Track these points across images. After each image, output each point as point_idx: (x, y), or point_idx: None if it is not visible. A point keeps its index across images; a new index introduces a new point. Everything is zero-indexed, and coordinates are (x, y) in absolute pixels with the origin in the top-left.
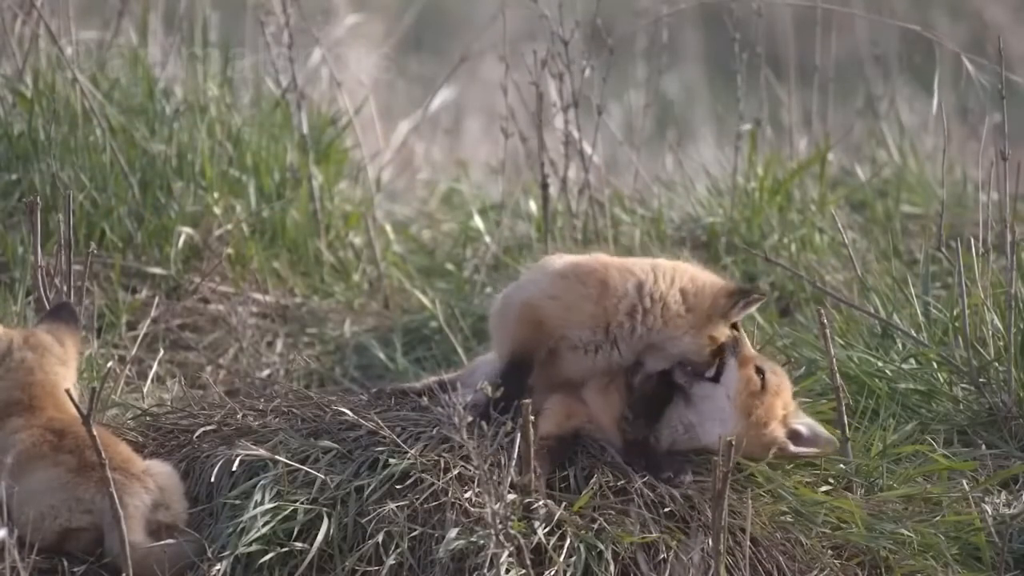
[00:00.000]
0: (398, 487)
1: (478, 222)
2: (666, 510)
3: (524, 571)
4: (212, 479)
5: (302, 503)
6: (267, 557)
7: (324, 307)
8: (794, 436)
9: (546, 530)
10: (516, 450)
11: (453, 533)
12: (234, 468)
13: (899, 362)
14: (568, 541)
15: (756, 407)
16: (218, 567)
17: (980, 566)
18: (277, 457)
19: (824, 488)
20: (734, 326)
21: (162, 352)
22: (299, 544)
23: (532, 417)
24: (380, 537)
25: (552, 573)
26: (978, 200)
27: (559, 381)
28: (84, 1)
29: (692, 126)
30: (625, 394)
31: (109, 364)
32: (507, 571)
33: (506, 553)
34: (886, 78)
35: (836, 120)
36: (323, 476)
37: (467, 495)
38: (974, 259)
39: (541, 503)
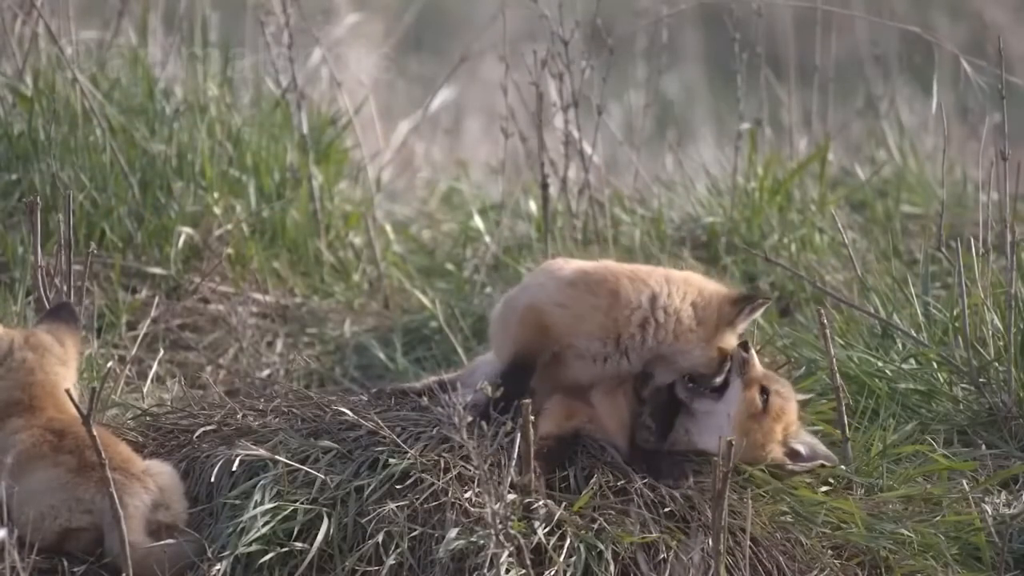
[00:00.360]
0: (398, 487)
1: (478, 222)
2: (666, 510)
3: (524, 571)
4: (212, 479)
5: (302, 503)
6: (267, 557)
7: (324, 307)
8: (792, 455)
9: (546, 530)
10: (516, 450)
11: (453, 533)
12: (234, 468)
13: (899, 362)
14: (568, 541)
15: (755, 430)
16: (218, 567)
17: (980, 566)
18: (277, 457)
19: (824, 488)
20: (745, 347)
21: (162, 352)
22: (299, 544)
23: (532, 417)
24: (380, 537)
25: (552, 573)
26: (978, 200)
27: (564, 384)
28: (84, 1)
29: (692, 126)
30: (633, 400)
31: (109, 364)
32: (507, 571)
33: (506, 553)
34: (886, 78)
35: (836, 120)
36: (323, 476)
37: (467, 495)
38: (974, 259)
39: (541, 503)
